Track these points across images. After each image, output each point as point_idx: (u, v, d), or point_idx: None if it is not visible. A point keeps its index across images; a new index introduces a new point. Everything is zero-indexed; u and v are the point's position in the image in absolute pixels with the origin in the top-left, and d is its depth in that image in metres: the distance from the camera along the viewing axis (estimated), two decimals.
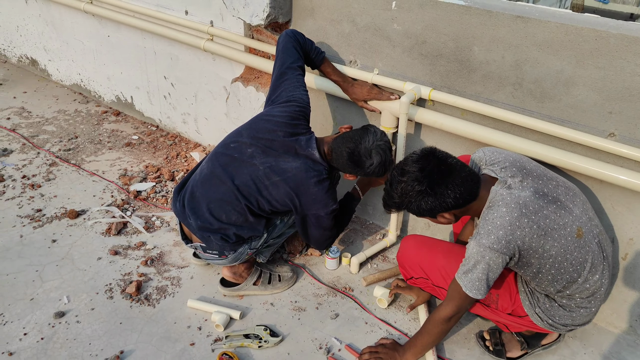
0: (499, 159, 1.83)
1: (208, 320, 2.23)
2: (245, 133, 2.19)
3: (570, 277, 1.75)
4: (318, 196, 2.11)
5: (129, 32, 3.54)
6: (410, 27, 2.26)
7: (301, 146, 2.12)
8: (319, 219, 2.19)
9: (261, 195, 2.11)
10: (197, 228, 2.16)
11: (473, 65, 2.15)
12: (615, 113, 1.89)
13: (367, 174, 2.12)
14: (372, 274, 2.52)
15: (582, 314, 1.85)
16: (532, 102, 2.06)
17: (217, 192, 2.14)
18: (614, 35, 1.80)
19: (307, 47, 2.35)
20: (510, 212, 1.67)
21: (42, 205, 2.92)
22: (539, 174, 1.79)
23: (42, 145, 3.52)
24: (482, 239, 1.68)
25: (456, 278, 1.80)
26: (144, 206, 2.97)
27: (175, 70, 3.42)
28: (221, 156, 2.18)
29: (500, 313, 1.98)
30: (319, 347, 2.14)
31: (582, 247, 1.74)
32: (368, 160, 2.07)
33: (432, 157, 1.75)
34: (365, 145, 2.06)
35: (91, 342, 2.11)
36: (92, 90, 4.20)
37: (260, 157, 2.12)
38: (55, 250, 2.59)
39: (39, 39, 4.33)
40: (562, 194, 1.77)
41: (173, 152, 3.51)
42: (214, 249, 2.19)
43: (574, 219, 1.74)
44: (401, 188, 1.76)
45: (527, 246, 1.68)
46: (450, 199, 1.72)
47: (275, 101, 2.24)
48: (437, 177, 1.71)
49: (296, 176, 2.08)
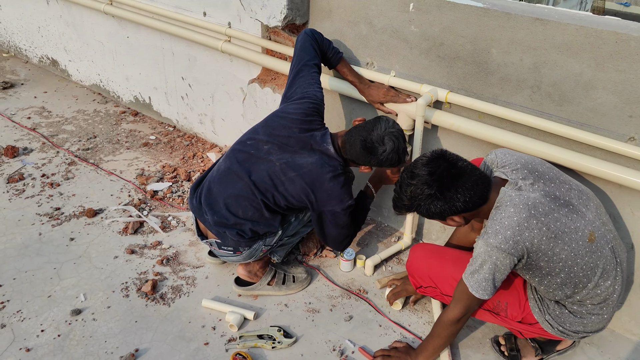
0: (511, 161, 1.81)
1: (222, 320, 2.24)
2: (261, 130, 2.21)
3: (580, 281, 1.73)
4: (334, 191, 2.11)
5: (147, 33, 3.58)
6: (427, 29, 2.25)
7: (316, 141, 2.14)
8: (336, 216, 2.18)
9: (277, 191, 2.12)
10: (213, 224, 2.18)
11: (491, 67, 2.13)
12: (636, 117, 1.86)
13: (380, 162, 2.10)
14: (386, 276, 2.51)
15: (593, 320, 1.82)
16: (551, 105, 2.03)
17: (234, 188, 2.16)
18: (634, 38, 1.77)
19: (324, 46, 2.36)
20: (519, 212, 1.65)
21: (61, 203, 2.96)
22: (551, 176, 1.76)
23: (61, 144, 3.57)
24: (490, 238, 1.66)
25: (463, 278, 1.79)
26: (161, 206, 2.99)
27: (192, 71, 3.45)
28: (238, 153, 2.20)
29: (510, 321, 1.96)
30: (332, 349, 2.14)
31: (593, 252, 1.71)
32: (381, 147, 2.06)
33: (442, 160, 1.73)
34: (377, 132, 2.07)
35: (107, 340, 2.13)
36: (110, 90, 4.25)
37: (277, 154, 2.14)
38: (73, 248, 2.63)
39: (60, 39, 4.39)
40: (575, 198, 1.74)
41: (190, 153, 3.54)
42: (229, 245, 2.21)
43: (587, 224, 1.71)
44: (410, 191, 1.76)
45: (535, 248, 1.66)
46: (460, 202, 1.71)
47: (290, 98, 2.27)
48: (447, 181, 1.70)
49: (312, 172, 2.09)
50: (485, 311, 1.98)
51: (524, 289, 1.93)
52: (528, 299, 1.91)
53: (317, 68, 2.31)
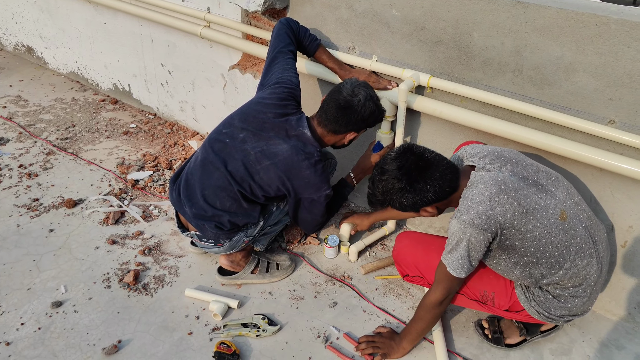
0: (477, 151, 1.86)
1: (206, 309, 2.23)
2: (237, 118, 2.18)
3: (556, 261, 1.75)
4: (311, 179, 2.09)
5: (125, 19, 3.51)
6: (409, 13, 2.23)
7: (292, 126, 2.11)
8: (312, 204, 2.18)
9: (253, 181, 2.10)
10: (192, 216, 2.15)
11: (472, 51, 2.12)
12: (616, 100, 1.87)
13: (361, 116, 2.07)
14: (370, 262, 2.52)
15: (577, 303, 1.84)
16: (532, 88, 2.03)
17: (211, 178, 2.13)
18: (614, 21, 1.77)
19: (300, 34, 2.33)
20: (489, 188, 1.68)
21: (39, 194, 2.91)
22: (518, 160, 1.80)
23: (39, 134, 3.50)
24: (463, 215, 1.69)
25: (442, 259, 1.81)
26: (142, 195, 2.95)
27: (172, 58, 3.39)
28: (214, 142, 2.17)
29: (497, 310, 1.97)
30: (317, 335, 2.14)
31: (566, 230, 1.73)
32: (354, 98, 2.05)
33: (410, 153, 1.76)
34: (345, 89, 2.07)
35: (89, 332, 2.11)
36: (89, 78, 4.17)
37: (252, 142, 2.11)
38: (53, 239, 2.58)
39: (35, 26, 4.28)
40: (543, 178, 1.78)
41: (171, 141, 3.49)
42: (210, 237, 2.19)
43: (557, 202, 1.74)
44: (382, 186, 1.79)
45: (508, 224, 1.68)
46: (430, 193, 1.74)
47: (265, 84, 2.24)
48: (415, 174, 1.73)
49: (286, 159, 2.07)
50: (472, 301, 1.99)
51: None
52: (514, 286, 1.92)
53: (292, 54, 2.28)
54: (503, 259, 1.80)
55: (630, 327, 2.21)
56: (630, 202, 2.02)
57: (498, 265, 1.84)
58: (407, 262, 2.13)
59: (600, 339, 2.16)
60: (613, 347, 2.13)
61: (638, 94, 1.82)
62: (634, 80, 1.81)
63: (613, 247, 2.13)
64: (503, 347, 2.09)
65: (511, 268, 1.81)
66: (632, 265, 2.12)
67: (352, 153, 2.74)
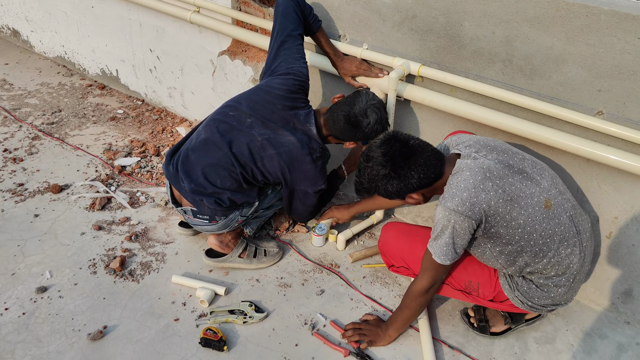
0: (463, 140, 1.87)
1: (193, 296, 2.22)
2: (244, 102, 2.19)
3: (540, 250, 1.76)
4: (310, 174, 2.15)
5: (113, 3, 3.45)
6: (400, 1, 2.21)
7: (300, 120, 2.15)
8: (306, 196, 2.24)
9: (255, 166, 2.14)
10: (189, 191, 2.16)
11: (463, 40, 2.12)
12: (604, 91, 1.88)
13: (366, 135, 2.14)
14: (358, 250, 2.52)
15: (559, 293, 1.86)
16: (522, 79, 2.04)
17: (213, 158, 2.14)
18: (605, 12, 1.77)
19: (306, 11, 2.31)
20: (474, 175, 1.69)
21: (24, 179, 2.87)
22: (504, 149, 1.82)
23: (24, 118, 3.45)
24: (447, 202, 1.70)
25: (427, 247, 1.82)
26: (129, 181, 2.93)
27: (161, 43, 3.35)
28: (220, 123, 2.18)
29: (482, 300, 1.99)
30: (304, 322, 2.14)
31: (550, 218, 1.74)
32: (365, 119, 2.09)
33: (394, 140, 1.78)
34: (359, 106, 2.10)
35: (74, 317, 2.09)
36: (76, 62, 4.11)
37: (259, 128, 2.13)
38: (38, 225, 2.55)
39: (20, 8, 4.21)
40: (529, 167, 1.79)
41: (159, 127, 3.46)
42: (205, 213, 2.20)
43: (542, 190, 1.75)
44: (368, 174, 1.81)
45: (493, 211, 1.69)
46: (415, 179, 1.75)
47: (274, 71, 2.23)
48: (399, 160, 1.75)
49: (291, 151, 2.11)
50: (457, 291, 2.01)
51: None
52: (498, 276, 1.94)
53: (302, 39, 2.28)
54: (488, 248, 1.81)
55: (614, 317, 2.24)
56: (616, 194, 2.04)
57: (483, 254, 1.85)
58: (393, 253, 2.14)
59: (584, 329, 2.19)
60: (596, 336, 2.16)
61: (626, 86, 1.83)
62: (623, 72, 1.82)
63: (598, 238, 2.16)
64: (488, 335, 2.11)
65: (496, 257, 1.82)
66: (617, 256, 2.14)
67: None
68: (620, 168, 1.90)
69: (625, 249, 2.11)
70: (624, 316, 2.22)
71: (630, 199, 2.01)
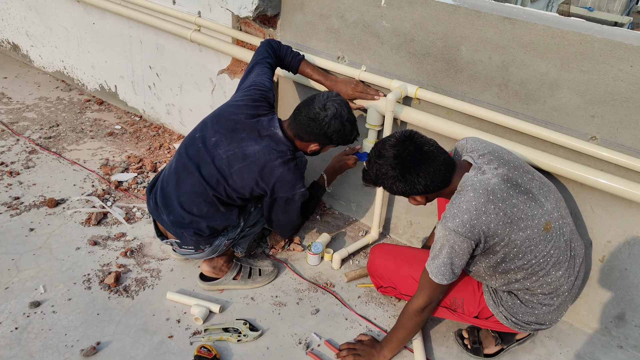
0: (479, 147, 1.87)
1: (187, 313, 2.21)
2: (209, 122, 2.19)
3: (533, 269, 1.78)
4: (284, 178, 2.09)
5: (114, 20, 3.49)
6: (399, 25, 2.26)
7: (263, 127, 2.12)
8: (288, 203, 2.18)
9: (227, 184, 2.10)
10: (170, 224, 2.15)
11: (460, 65, 2.16)
12: (598, 117, 1.92)
13: (325, 132, 2.08)
14: (353, 270, 2.52)
15: (544, 311, 1.87)
16: (517, 103, 2.07)
17: (186, 184, 2.13)
18: (598, 40, 1.82)
19: (281, 51, 2.37)
20: (478, 197, 1.70)
21: (20, 193, 2.87)
22: (515, 165, 1.82)
23: (22, 132, 3.46)
24: (448, 222, 1.71)
25: (425, 265, 1.82)
26: (125, 197, 2.93)
27: (161, 60, 3.38)
28: (189, 147, 2.17)
29: (467, 317, 1.99)
30: (298, 342, 2.13)
31: (548, 240, 1.76)
32: (322, 112, 2.06)
33: (409, 142, 1.77)
34: (320, 100, 2.09)
35: (67, 333, 2.08)
36: (75, 78, 4.13)
37: (224, 145, 2.10)
38: (33, 239, 2.55)
39: (22, 23, 4.24)
40: (536, 188, 1.80)
41: (156, 143, 3.47)
42: (189, 244, 2.18)
43: (544, 213, 1.76)
44: (376, 169, 1.82)
45: (492, 232, 1.70)
46: (420, 185, 1.77)
47: (239, 89, 2.28)
48: (410, 165, 1.75)
49: (259, 160, 2.07)
50: (443, 308, 2.01)
51: (478, 283, 1.98)
52: (483, 292, 1.95)
53: (269, 65, 2.31)
54: (483, 263, 1.82)
55: (607, 341, 2.25)
56: (609, 218, 2.06)
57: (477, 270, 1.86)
58: (380, 274, 2.16)
59: (577, 352, 2.20)
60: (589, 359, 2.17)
61: (619, 112, 1.87)
62: (616, 99, 1.86)
63: (591, 262, 2.17)
64: (482, 357, 2.11)
65: (487, 271, 1.84)
66: (610, 280, 2.16)
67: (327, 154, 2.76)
68: (613, 193, 1.93)
69: (618, 272, 2.13)
70: (617, 340, 2.23)
71: (623, 223, 2.04)
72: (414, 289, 2.03)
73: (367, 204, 2.81)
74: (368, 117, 2.41)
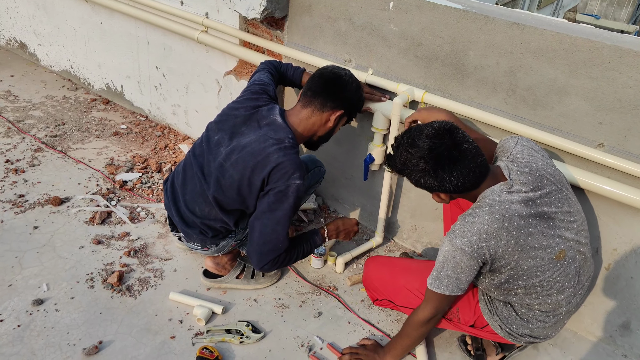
0: (522, 160, 1.74)
1: (190, 313, 2.21)
2: (214, 121, 2.18)
3: (536, 290, 1.75)
4: (280, 163, 1.90)
5: (122, 20, 3.50)
6: (406, 29, 2.25)
7: (262, 116, 2.06)
8: (279, 199, 1.94)
9: (224, 179, 2.00)
10: (178, 220, 2.17)
11: (467, 69, 2.15)
12: (606, 124, 1.91)
13: (350, 92, 2.09)
14: (357, 273, 2.52)
15: (539, 326, 1.84)
16: (525, 109, 2.06)
17: (190, 184, 2.14)
18: (607, 47, 1.81)
19: (282, 67, 2.38)
20: (492, 222, 1.63)
21: (25, 190, 2.87)
22: (551, 190, 1.70)
23: (27, 130, 3.47)
24: (456, 239, 1.66)
25: (429, 278, 1.79)
26: (129, 196, 2.93)
27: (167, 61, 3.39)
28: (196, 147, 2.18)
29: (463, 326, 1.97)
30: (300, 345, 2.12)
31: (557, 268, 1.71)
32: (342, 71, 2.09)
33: (448, 137, 1.64)
34: (330, 67, 2.14)
35: (69, 331, 2.07)
36: (81, 77, 4.14)
37: (226, 143, 2.05)
38: (37, 237, 2.55)
39: (29, 22, 4.26)
40: (562, 215, 1.71)
41: (161, 144, 3.48)
42: (195, 241, 2.19)
43: (561, 242, 1.70)
44: (405, 158, 1.68)
45: (499, 256, 1.66)
46: (451, 185, 1.66)
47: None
48: (444, 162, 1.63)
49: (254, 149, 1.95)
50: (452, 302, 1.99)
51: (474, 292, 1.96)
52: (478, 300, 1.93)
53: (270, 73, 2.31)
54: (486, 282, 1.81)
55: (611, 350, 2.23)
56: (615, 226, 2.05)
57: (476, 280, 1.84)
58: (375, 286, 2.14)
59: None
60: None
61: (628, 119, 1.86)
62: (624, 106, 1.85)
63: (597, 270, 2.16)
64: None
65: (487, 287, 1.82)
66: (615, 289, 2.15)
67: (346, 157, 2.76)
68: (619, 200, 1.92)
69: (624, 281, 2.11)
70: (622, 349, 2.22)
71: (630, 231, 2.03)
72: (409, 300, 2.02)
73: (371, 207, 2.80)
74: (374, 121, 2.40)
